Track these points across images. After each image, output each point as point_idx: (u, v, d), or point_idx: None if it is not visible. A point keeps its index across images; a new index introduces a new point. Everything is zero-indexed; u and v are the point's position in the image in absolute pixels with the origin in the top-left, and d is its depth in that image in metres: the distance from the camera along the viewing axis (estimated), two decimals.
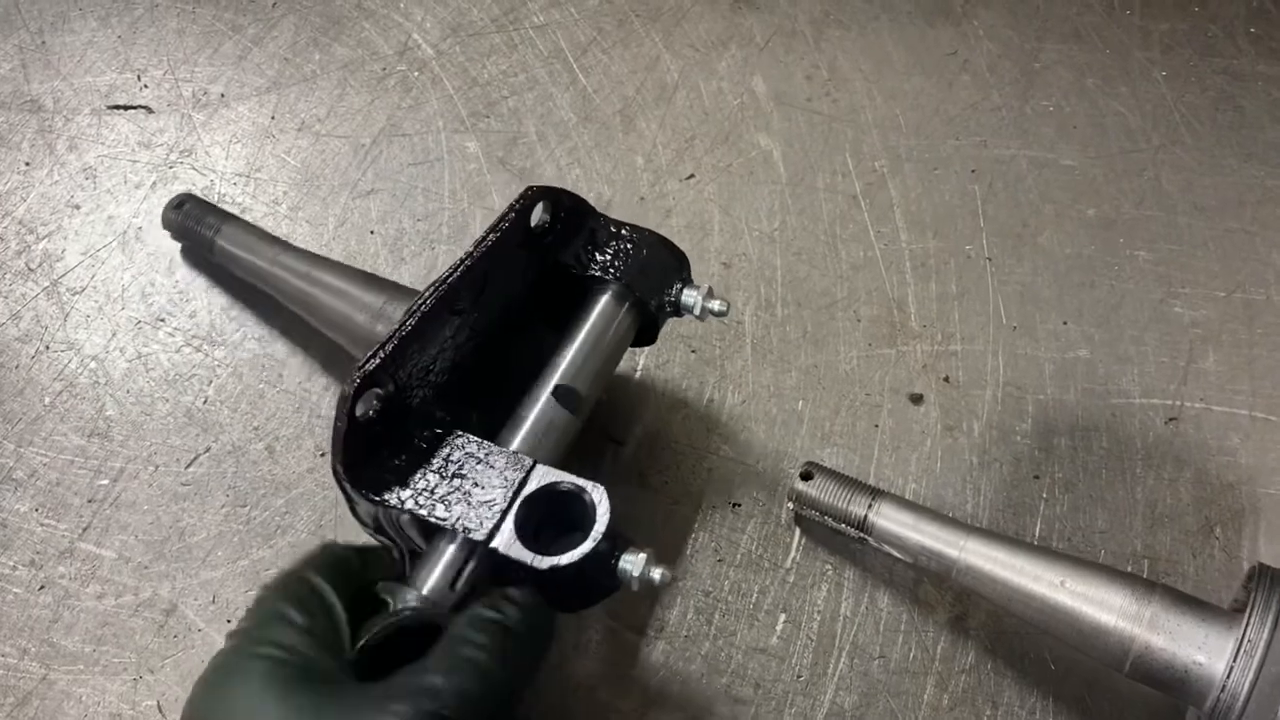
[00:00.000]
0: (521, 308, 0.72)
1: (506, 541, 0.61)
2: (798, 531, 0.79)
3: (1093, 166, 0.97)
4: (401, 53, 1.01)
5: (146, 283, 0.89)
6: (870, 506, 0.75)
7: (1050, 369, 0.87)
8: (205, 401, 0.83)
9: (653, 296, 0.73)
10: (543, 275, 0.73)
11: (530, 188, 0.70)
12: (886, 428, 0.84)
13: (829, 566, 0.78)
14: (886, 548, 0.75)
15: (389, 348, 0.63)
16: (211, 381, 0.84)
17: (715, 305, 0.74)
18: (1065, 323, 0.89)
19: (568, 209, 0.72)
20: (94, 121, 0.97)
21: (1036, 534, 0.80)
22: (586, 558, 0.60)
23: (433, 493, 0.63)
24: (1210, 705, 0.63)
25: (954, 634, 0.76)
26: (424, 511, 0.62)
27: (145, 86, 0.99)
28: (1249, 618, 0.63)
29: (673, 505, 0.80)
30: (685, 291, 0.74)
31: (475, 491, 0.63)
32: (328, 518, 0.79)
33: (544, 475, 0.63)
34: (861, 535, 0.76)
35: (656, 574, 0.62)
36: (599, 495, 0.62)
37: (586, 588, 0.63)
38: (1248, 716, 0.60)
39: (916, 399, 0.85)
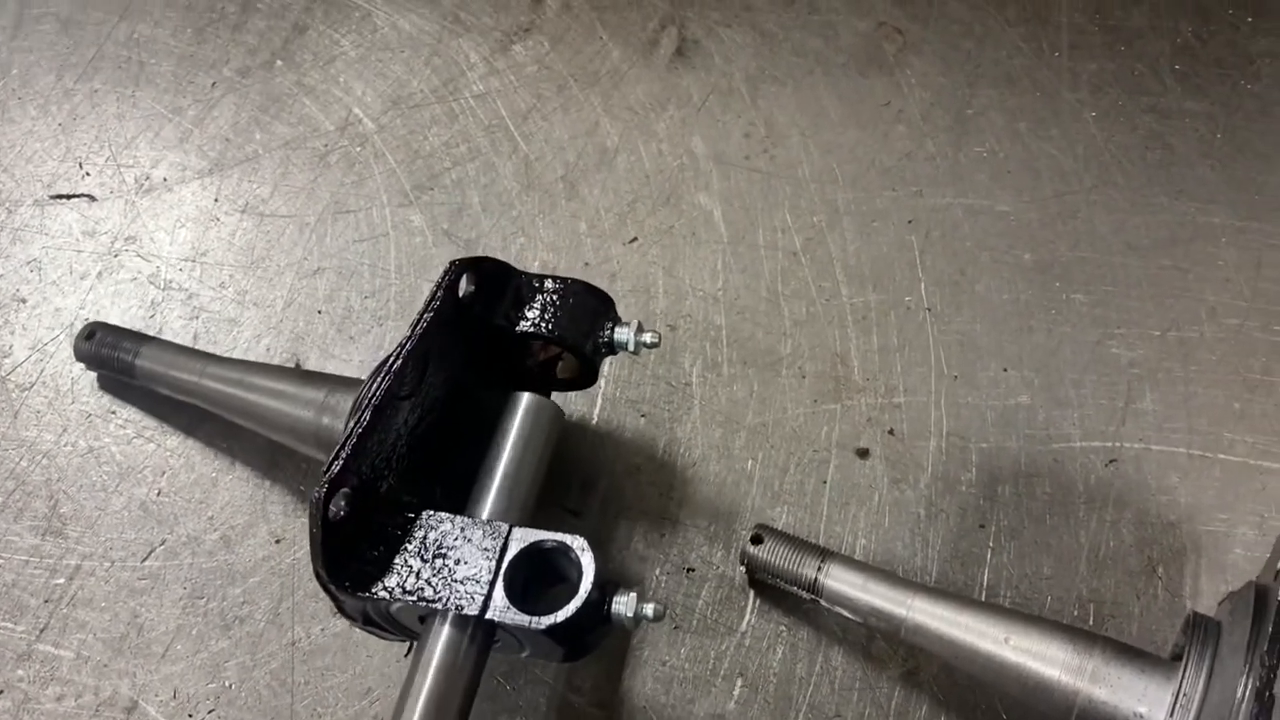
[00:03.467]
0: (464, 378, 0.74)
1: (500, 610, 0.63)
2: (751, 594, 0.81)
3: (1027, 211, 0.99)
4: (343, 128, 1.02)
5: (98, 378, 0.89)
6: (819, 569, 0.76)
7: (992, 416, 0.89)
8: (159, 493, 0.84)
9: (585, 341, 0.75)
10: (477, 342, 0.74)
11: (452, 262, 0.72)
12: (834, 483, 0.85)
13: (783, 628, 0.79)
14: (837, 608, 0.77)
15: (350, 445, 0.64)
16: (164, 472, 0.85)
17: (647, 338, 0.76)
18: (1005, 369, 0.91)
19: (490, 274, 0.74)
20: (37, 212, 0.97)
21: (984, 583, 0.81)
22: (581, 609, 0.62)
23: (417, 576, 0.64)
24: None
25: (907, 689, 0.77)
26: (413, 598, 0.63)
27: (87, 174, 0.99)
28: (1185, 670, 0.65)
29: (629, 571, 0.81)
30: (617, 330, 0.76)
31: (459, 568, 0.64)
32: (285, 605, 0.79)
33: (523, 537, 0.65)
34: (813, 597, 0.77)
35: (649, 610, 0.65)
36: (581, 547, 0.64)
37: (583, 635, 0.65)
38: None
39: (863, 453, 0.87)
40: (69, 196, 0.98)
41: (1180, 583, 0.81)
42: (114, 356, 0.85)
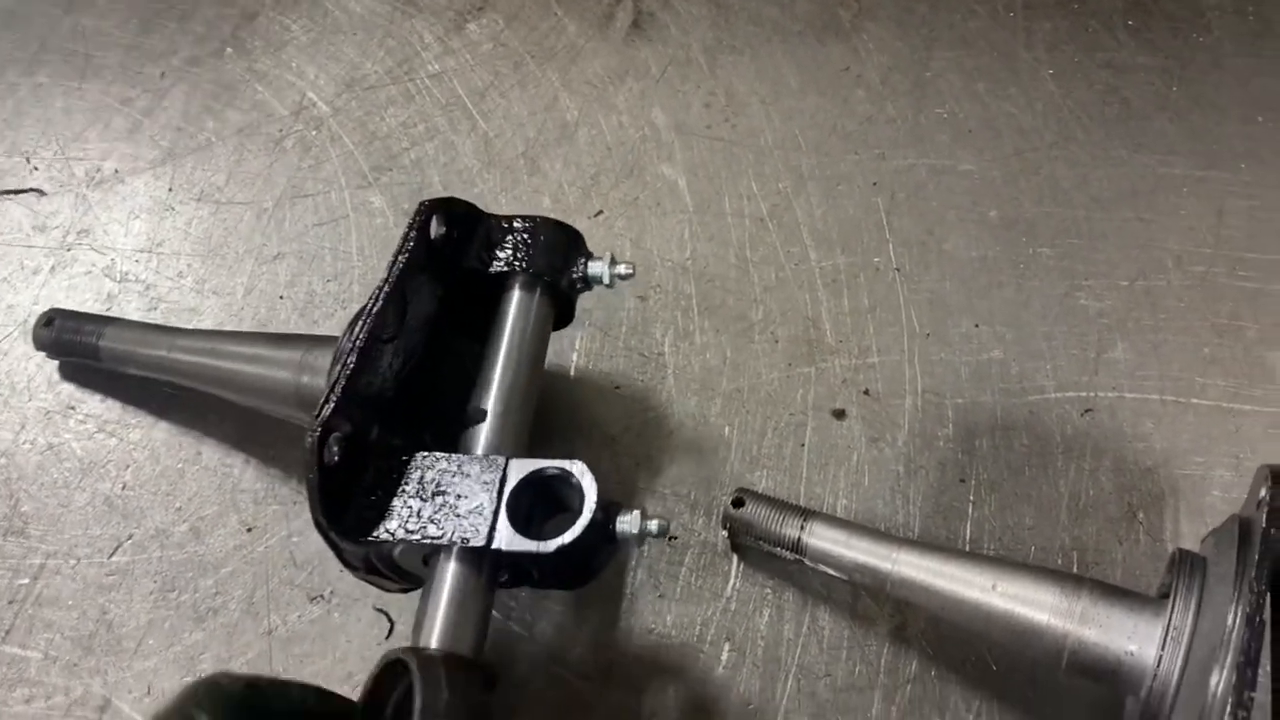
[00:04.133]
0: (442, 323, 0.73)
1: (508, 539, 0.63)
2: (735, 558, 0.80)
3: (990, 169, 0.99)
4: (297, 112, 1.00)
5: (52, 370, 0.87)
6: (802, 528, 0.76)
7: (966, 372, 0.88)
8: (124, 487, 0.81)
9: (560, 276, 0.74)
10: (452, 286, 0.74)
11: (422, 203, 0.71)
12: (812, 445, 0.85)
13: (768, 590, 0.79)
14: (821, 567, 0.76)
15: (339, 389, 0.63)
16: (129, 466, 0.82)
17: (621, 269, 0.76)
18: (977, 325, 0.91)
19: (459, 216, 0.73)
20: None
21: (967, 536, 0.81)
22: (587, 530, 0.63)
23: (419, 516, 0.64)
24: (1145, 692, 0.64)
25: (896, 645, 0.77)
26: (416, 536, 0.63)
27: (35, 169, 0.97)
28: (1173, 604, 0.64)
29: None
30: (590, 264, 0.75)
31: (460, 503, 0.64)
32: (259, 593, 0.77)
33: (522, 467, 0.65)
34: (797, 557, 0.76)
35: (653, 525, 0.66)
36: (581, 470, 0.65)
37: (589, 559, 0.66)
38: (1180, 699, 0.62)
39: (839, 414, 0.86)
40: (17, 192, 0.95)
41: (1161, 526, 0.81)
42: (76, 341, 0.83)
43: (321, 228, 0.94)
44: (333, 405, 0.62)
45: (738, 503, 0.78)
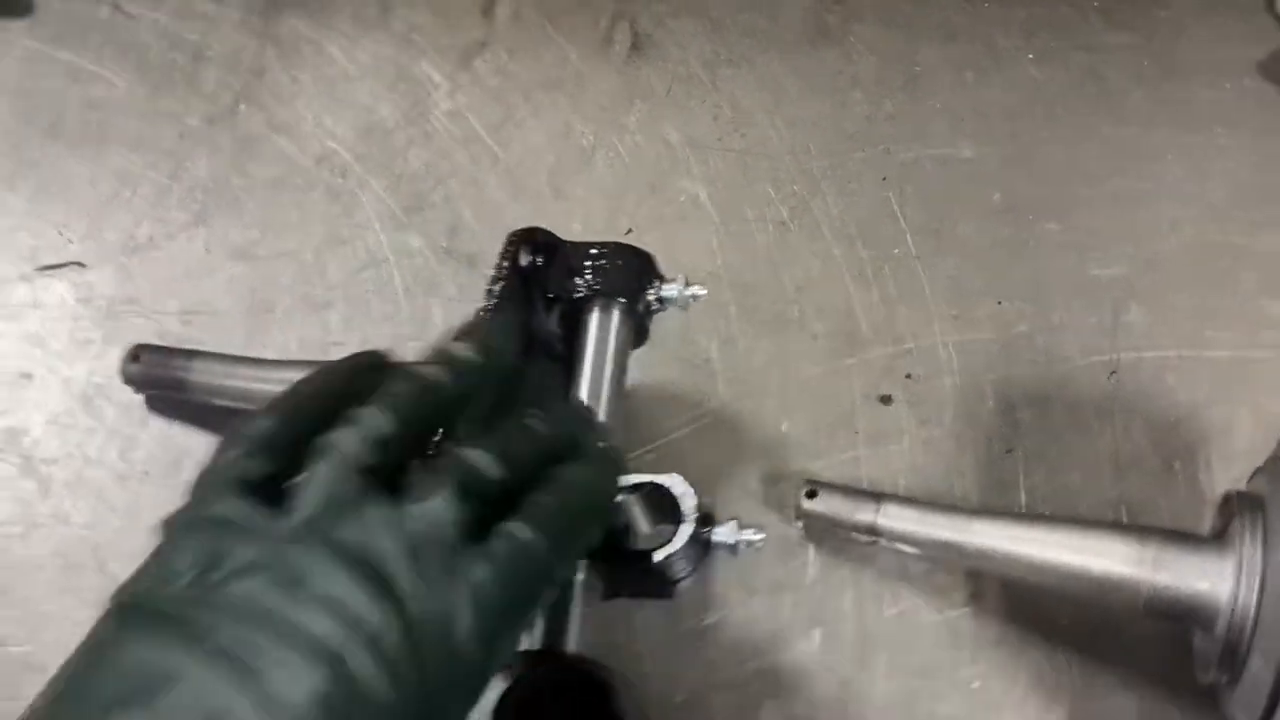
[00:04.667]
0: (528, 348, 0.77)
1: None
2: (811, 547, 0.84)
3: (987, 154, 1.04)
4: (321, 161, 1.02)
5: (123, 439, 0.88)
6: (877, 511, 0.80)
7: (996, 349, 0.94)
8: None
9: (638, 298, 0.78)
10: (536, 312, 0.77)
11: (511, 234, 0.75)
12: (865, 432, 0.89)
13: (847, 573, 0.83)
14: (898, 546, 0.81)
15: None
16: None
17: (697, 290, 0.79)
18: (999, 303, 0.96)
19: (543, 245, 0.77)
20: (27, 287, 0.95)
21: (1023, 503, 0.86)
22: (689, 540, 0.67)
23: None
24: (1224, 625, 0.69)
25: (974, 613, 0.81)
26: None
27: (70, 242, 0.98)
28: (1242, 540, 0.70)
29: None
30: (665, 286, 0.79)
31: None
32: None
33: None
34: (873, 539, 0.81)
35: (752, 535, 0.71)
36: (677, 481, 0.69)
37: (692, 564, 0.70)
38: (1262, 626, 0.67)
39: (886, 400, 0.91)
40: (57, 266, 0.96)
41: (1196, 474, 0.87)
42: (164, 375, 0.84)
43: (364, 272, 0.96)
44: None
45: (811, 494, 0.82)
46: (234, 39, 1.08)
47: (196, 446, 0.87)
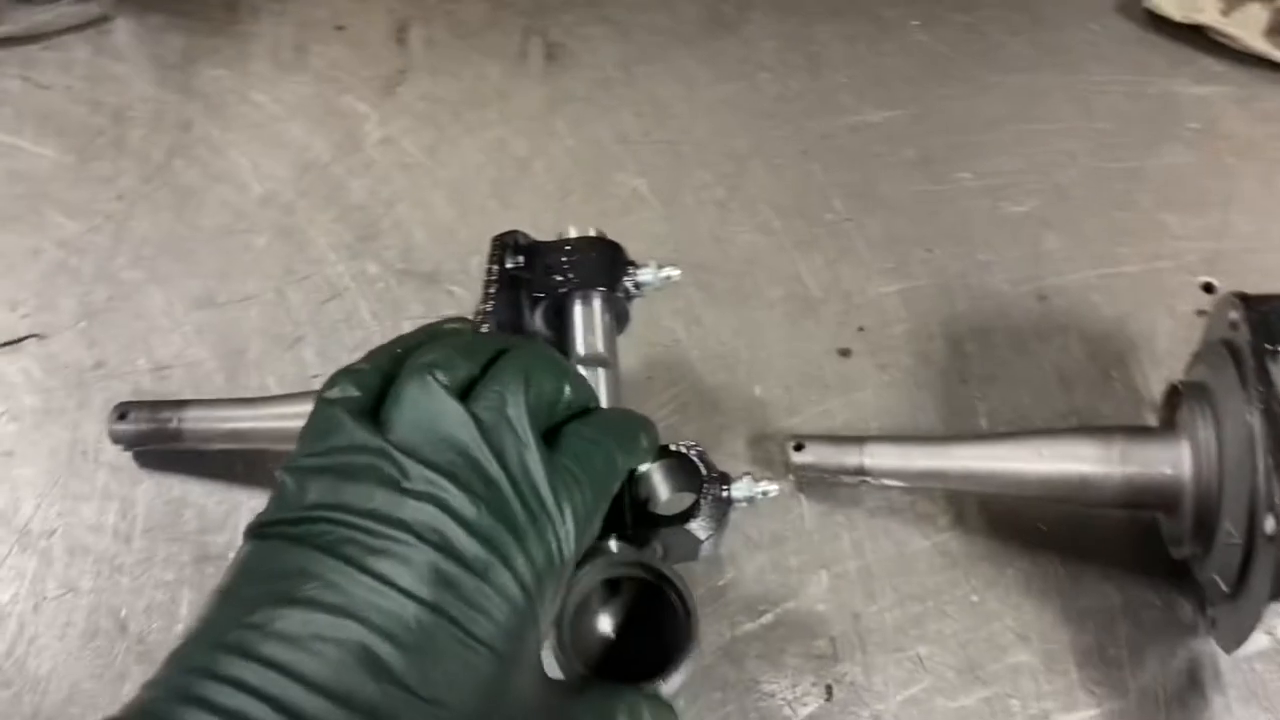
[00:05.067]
0: None
1: (660, 521, 0.69)
2: (803, 498, 0.89)
3: (894, 116, 1.12)
4: (265, 203, 1.04)
5: (119, 500, 0.88)
6: (861, 452, 0.86)
7: (934, 291, 1.01)
8: None
9: (616, 286, 0.81)
10: (520, 311, 0.80)
11: (494, 239, 0.79)
12: (832, 385, 0.95)
13: (840, 516, 0.88)
14: (885, 481, 0.87)
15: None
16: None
17: (670, 272, 0.83)
18: (930, 250, 1.03)
19: (525, 246, 0.80)
20: None
21: (984, 426, 0.93)
22: (716, 500, 0.71)
23: None
24: (1191, 503, 0.77)
25: (959, 533, 0.88)
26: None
27: (25, 316, 0.97)
28: (1194, 422, 0.78)
29: None
30: (640, 272, 0.83)
31: None
32: None
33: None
34: (861, 479, 0.86)
35: (769, 487, 0.73)
36: (692, 447, 0.72)
37: (721, 522, 0.72)
38: (1226, 497, 0.75)
39: (845, 353, 0.97)
40: (16, 342, 0.95)
41: (1131, 377, 0.96)
42: (156, 428, 0.85)
43: (329, 304, 0.98)
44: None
45: (798, 448, 0.87)
46: (154, 97, 1.09)
47: (195, 495, 0.88)
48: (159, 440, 0.86)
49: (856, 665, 0.82)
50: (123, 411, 0.87)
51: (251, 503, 0.87)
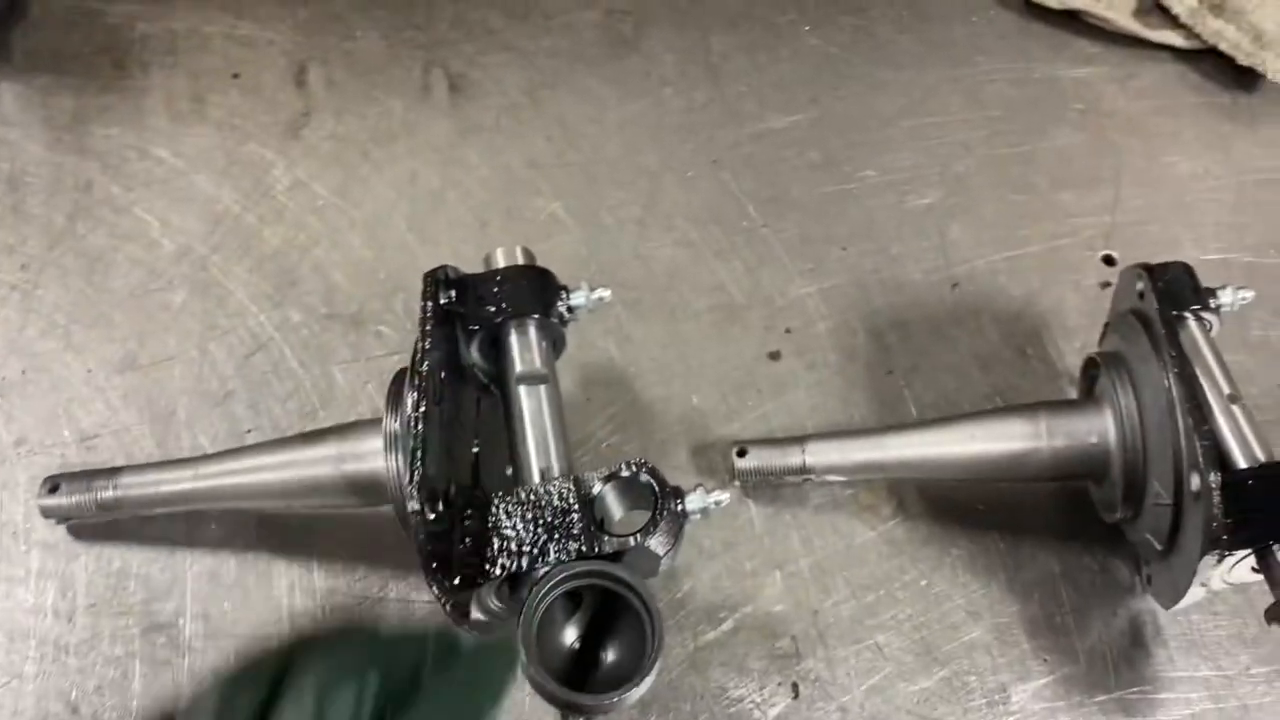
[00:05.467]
0: (458, 381, 0.80)
1: (610, 542, 0.69)
2: (750, 502, 0.91)
3: (797, 122, 1.15)
4: (178, 260, 1.02)
5: (57, 578, 0.85)
6: (803, 452, 0.88)
7: (851, 288, 1.04)
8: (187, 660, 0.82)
9: (551, 311, 0.82)
10: (461, 347, 0.81)
11: (426, 275, 0.79)
12: (766, 388, 0.97)
13: (788, 516, 0.90)
14: (828, 477, 0.89)
15: (419, 456, 0.69)
16: (185, 655, 0.83)
17: (601, 294, 0.83)
18: (844, 248, 1.06)
19: (454, 280, 0.80)
20: None
21: (914, 414, 0.96)
22: (671, 514, 0.71)
23: (519, 548, 0.69)
24: (1119, 468, 0.81)
25: (902, 520, 0.91)
26: (524, 563, 0.68)
27: None
28: (1113, 390, 0.81)
29: None
30: (573, 296, 0.83)
31: (552, 525, 0.70)
32: None
33: (593, 478, 0.72)
34: (805, 477, 0.88)
35: (720, 495, 0.74)
36: (644, 463, 0.72)
37: (676, 539, 0.73)
38: (1150, 457, 0.78)
39: (775, 355, 0.99)
40: None
41: (1045, 353, 1.00)
42: (88, 499, 0.83)
43: (255, 356, 0.96)
44: (420, 471, 0.68)
45: (741, 453, 0.89)
46: (49, 159, 1.06)
47: (136, 563, 0.86)
48: (95, 511, 0.84)
49: (819, 660, 0.84)
50: (53, 484, 0.84)
51: (196, 567, 0.86)
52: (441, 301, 0.78)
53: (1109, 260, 1.06)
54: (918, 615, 0.87)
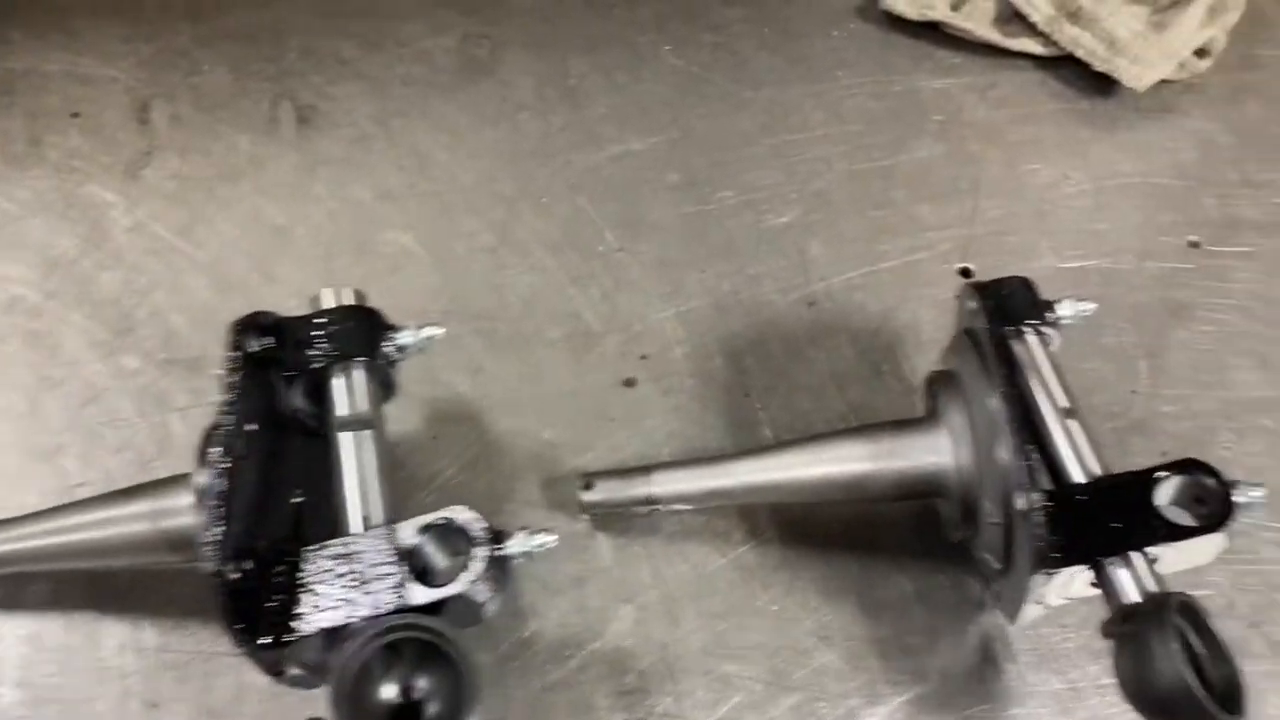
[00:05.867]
0: (277, 428, 0.78)
1: (421, 593, 0.67)
2: (600, 535, 0.89)
3: (656, 144, 1.14)
4: (9, 308, 0.98)
5: None
6: (648, 482, 0.87)
7: (709, 310, 1.03)
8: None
9: (375, 354, 0.80)
10: (275, 393, 0.78)
11: (232, 323, 0.76)
12: (620, 417, 0.96)
13: (639, 548, 0.89)
14: (676, 507, 0.88)
15: (219, 513, 0.67)
16: None
17: (431, 332, 0.82)
18: (703, 271, 1.05)
19: (269, 326, 0.78)
20: None
21: (770, 436, 0.95)
22: (490, 560, 0.69)
23: (330, 602, 0.67)
24: (956, 488, 0.80)
25: (754, 546, 0.89)
26: (336, 618, 0.66)
27: None
28: (948, 411, 0.81)
29: None
30: (399, 335, 0.81)
31: (364, 577, 0.68)
32: None
33: (408, 527, 0.70)
34: (652, 508, 0.87)
35: (545, 538, 0.72)
36: (460, 511, 0.70)
37: (500, 584, 0.71)
38: (984, 479, 0.78)
39: (630, 383, 0.98)
40: None
41: (901, 371, 0.99)
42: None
43: (88, 408, 0.93)
44: (221, 531, 0.67)
45: (587, 486, 0.87)
46: None
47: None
48: None
49: (667, 695, 0.82)
50: None
51: (19, 630, 0.83)
52: (256, 348, 0.75)
53: (965, 273, 1.06)
54: (769, 642, 0.85)
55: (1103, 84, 1.20)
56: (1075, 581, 0.74)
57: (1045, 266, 1.07)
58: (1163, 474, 0.75)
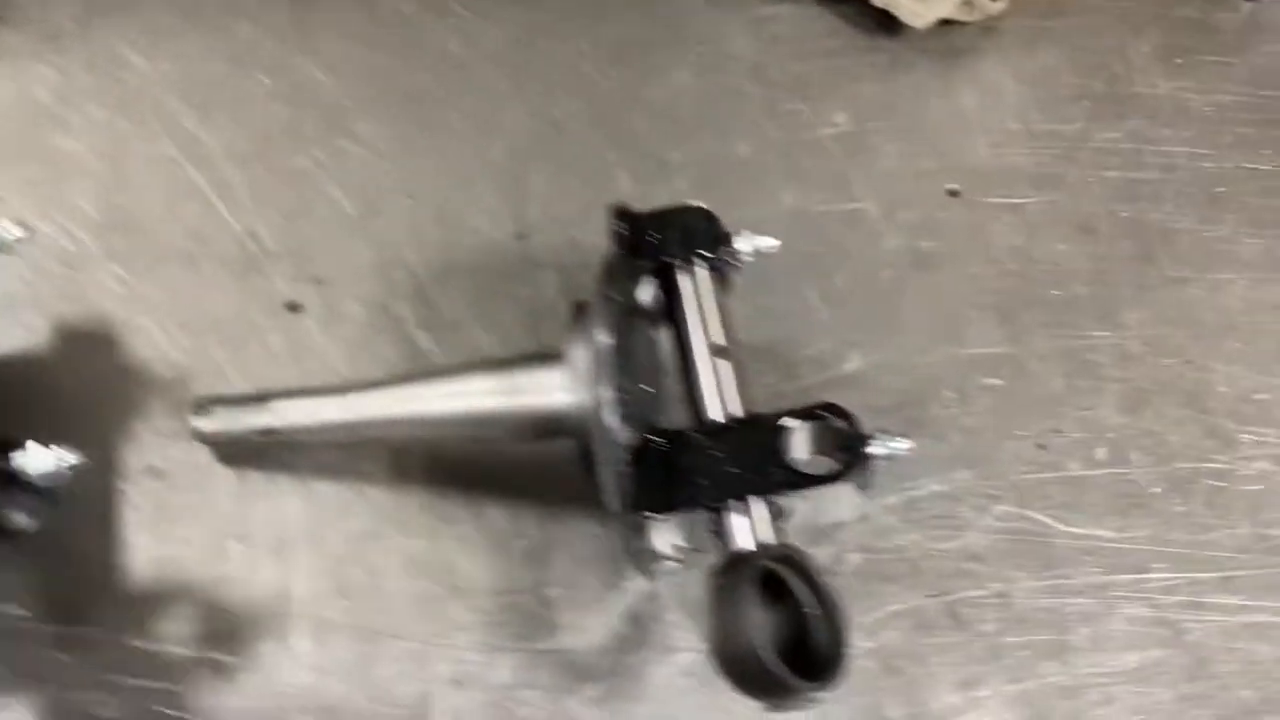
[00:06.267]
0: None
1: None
2: (230, 468, 0.82)
3: (376, 59, 1.05)
4: None
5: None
6: (267, 411, 0.78)
7: (407, 236, 0.94)
8: None
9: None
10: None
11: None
12: (276, 344, 0.88)
13: (270, 483, 0.81)
14: (299, 439, 0.79)
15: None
16: None
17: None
18: (410, 197, 0.97)
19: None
20: None
21: None
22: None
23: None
24: (577, 428, 0.73)
25: (397, 487, 0.82)
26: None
27: None
28: (569, 346, 0.73)
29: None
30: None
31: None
32: None
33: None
34: (274, 439, 0.79)
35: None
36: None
37: None
38: (604, 422, 0.70)
39: (294, 307, 0.90)
40: None
41: None
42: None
43: None
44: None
45: (200, 411, 0.79)
46: None
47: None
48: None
49: (275, 644, 0.75)
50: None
51: None
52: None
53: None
54: (396, 589, 0.78)
55: (888, 24, 1.11)
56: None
57: (788, 208, 0.99)
58: (792, 420, 0.68)
